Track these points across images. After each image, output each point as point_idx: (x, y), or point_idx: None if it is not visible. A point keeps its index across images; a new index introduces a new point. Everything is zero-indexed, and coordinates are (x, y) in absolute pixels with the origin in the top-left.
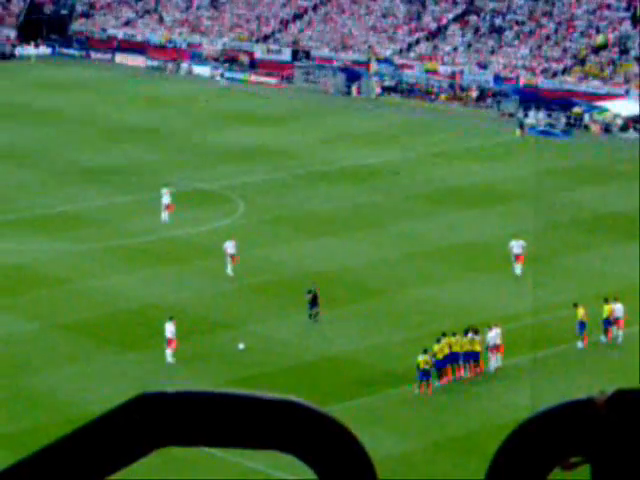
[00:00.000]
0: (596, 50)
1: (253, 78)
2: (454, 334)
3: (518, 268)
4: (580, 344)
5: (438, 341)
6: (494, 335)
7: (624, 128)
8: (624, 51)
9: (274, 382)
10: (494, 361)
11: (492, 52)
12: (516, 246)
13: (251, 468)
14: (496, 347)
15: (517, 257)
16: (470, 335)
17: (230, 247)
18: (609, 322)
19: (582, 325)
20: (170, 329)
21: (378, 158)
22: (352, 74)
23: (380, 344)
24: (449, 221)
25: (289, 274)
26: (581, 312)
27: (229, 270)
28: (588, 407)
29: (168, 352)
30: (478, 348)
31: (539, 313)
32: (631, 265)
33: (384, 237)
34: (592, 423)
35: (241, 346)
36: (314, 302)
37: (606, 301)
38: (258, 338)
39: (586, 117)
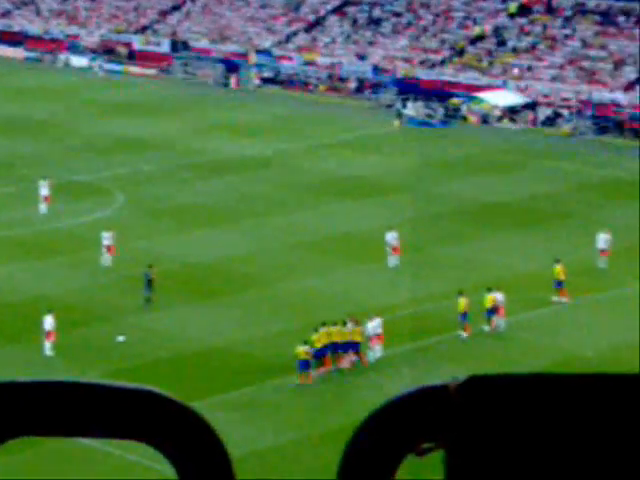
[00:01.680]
0: (473, 41)
1: (131, 69)
2: (335, 324)
3: (394, 259)
4: (463, 334)
5: (316, 330)
6: (375, 325)
7: (501, 119)
8: (501, 42)
9: (153, 374)
10: (375, 351)
11: (370, 43)
12: (390, 237)
13: (132, 460)
14: (377, 337)
15: (393, 249)
16: (350, 325)
17: (107, 238)
18: (492, 311)
19: (464, 315)
20: (49, 321)
21: (257, 149)
22: (231, 65)
23: (260, 334)
24: (328, 212)
25: (169, 266)
26: (463, 302)
27: (103, 261)
28: (440, 393)
29: (47, 344)
30: (358, 338)
31: (419, 303)
32: (510, 254)
33: (263, 228)
34: (444, 409)
35: (121, 338)
36: (149, 286)
37: (489, 290)
38: (138, 330)
39: (464, 108)
